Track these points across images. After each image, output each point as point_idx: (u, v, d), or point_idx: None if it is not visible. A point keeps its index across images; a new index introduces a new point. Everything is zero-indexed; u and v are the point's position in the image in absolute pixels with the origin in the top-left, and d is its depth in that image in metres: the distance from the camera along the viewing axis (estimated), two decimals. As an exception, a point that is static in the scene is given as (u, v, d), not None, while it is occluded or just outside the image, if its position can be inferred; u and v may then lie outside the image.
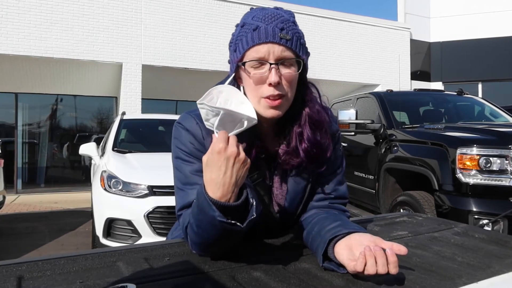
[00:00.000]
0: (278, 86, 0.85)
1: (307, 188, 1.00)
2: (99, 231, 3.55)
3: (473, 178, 2.98)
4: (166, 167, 3.62)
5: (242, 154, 0.76)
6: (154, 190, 3.51)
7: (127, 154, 4.34)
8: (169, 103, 10.65)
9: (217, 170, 0.75)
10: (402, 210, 3.49)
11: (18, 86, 9.04)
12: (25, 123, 9.65)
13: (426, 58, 11.94)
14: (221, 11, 9.01)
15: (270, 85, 0.85)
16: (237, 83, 0.93)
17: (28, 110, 9.75)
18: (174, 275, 0.76)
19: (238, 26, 0.91)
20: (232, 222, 0.75)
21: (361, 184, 4.51)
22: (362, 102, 4.97)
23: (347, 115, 4.32)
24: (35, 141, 9.93)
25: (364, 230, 0.85)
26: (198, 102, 0.82)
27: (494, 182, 2.95)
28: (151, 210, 3.40)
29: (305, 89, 0.95)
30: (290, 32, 0.86)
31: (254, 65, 0.86)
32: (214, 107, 0.79)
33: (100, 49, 7.98)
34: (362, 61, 10.53)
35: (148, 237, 3.37)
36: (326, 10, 10.30)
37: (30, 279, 0.74)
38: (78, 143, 7.14)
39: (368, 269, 0.71)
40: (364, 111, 4.67)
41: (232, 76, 0.91)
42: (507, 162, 2.93)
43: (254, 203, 0.78)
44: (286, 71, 0.86)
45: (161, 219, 3.42)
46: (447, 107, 4.91)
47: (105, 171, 3.80)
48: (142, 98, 8.35)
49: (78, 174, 10.25)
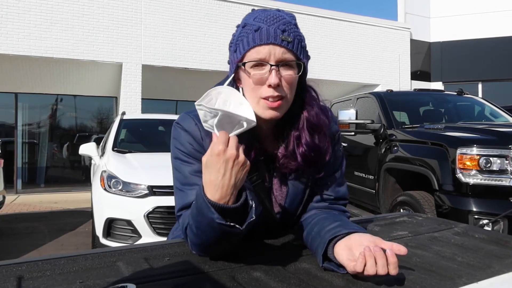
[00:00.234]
0: (277, 87, 0.85)
1: (307, 190, 1.00)
2: (99, 231, 3.55)
3: (473, 178, 2.98)
4: (166, 167, 3.60)
5: (241, 156, 0.75)
6: (154, 190, 3.51)
7: (127, 154, 4.34)
8: (169, 103, 10.65)
9: (215, 173, 0.75)
10: (402, 210, 3.49)
11: (18, 86, 9.04)
12: (25, 123, 9.65)
13: (426, 58, 11.94)
14: (221, 11, 9.01)
15: (269, 86, 0.85)
16: (236, 84, 0.92)
17: (28, 110, 9.74)
18: (174, 275, 0.76)
19: (239, 26, 0.91)
20: (230, 224, 0.75)
21: (361, 184, 4.51)
22: (362, 102, 4.97)
23: (347, 115, 4.32)
24: (35, 141, 9.92)
25: (364, 230, 0.85)
26: (196, 103, 0.81)
27: (494, 182, 2.95)
28: (151, 210, 3.41)
29: (304, 92, 0.95)
30: (291, 34, 0.86)
31: (254, 65, 0.86)
32: (213, 109, 0.78)
33: (100, 49, 7.98)
34: (362, 61, 10.53)
35: (148, 237, 3.37)
36: (326, 10, 10.30)
37: (30, 279, 0.74)
38: (78, 143, 7.14)
39: (367, 269, 0.70)
40: (364, 111, 4.67)
41: (231, 77, 0.91)
42: (507, 162, 2.93)
43: (254, 205, 0.77)
44: (286, 73, 0.86)
45: (161, 219, 3.42)
46: (447, 107, 4.91)
47: (105, 171, 3.80)
48: (142, 98, 8.35)
49: (78, 174, 10.25)
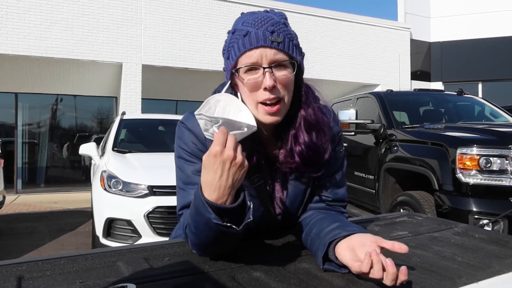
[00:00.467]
0: (273, 89, 0.84)
1: (307, 191, 1.00)
2: (99, 231, 3.55)
3: (473, 178, 2.98)
4: (166, 167, 3.65)
5: (239, 157, 0.75)
6: (154, 190, 3.51)
7: (127, 154, 4.34)
8: (169, 103, 10.65)
9: (213, 173, 0.74)
10: (402, 210, 3.49)
11: (18, 86, 9.04)
12: (25, 123, 9.65)
13: (426, 58, 11.93)
14: (221, 11, 9.01)
15: (265, 89, 0.84)
16: (234, 90, 0.92)
17: (28, 110, 9.75)
18: (174, 275, 0.76)
19: (229, 32, 0.90)
20: (227, 224, 0.75)
21: (361, 184, 4.51)
22: (362, 102, 4.97)
23: (347, 115, 4.32)
24: (35, 141, 9.92)
25: (363, 230, 0.84)
26: (196, 112, 0.81)
27: (494, 182, 2.95)
28: (151, 210, 3.41)
29: (301, 90, 0.94)
30: (281, 34, 0.85)
31: (248, 70, 0.85)
32: (213, 117, 0.78)
33: (100, 49, 7.98)
34: (362, 61, 10.53)
35: (148, 237, 3.37)
36: (326, 10, 10.30)
37: (30, 279, 0.74)
38: (78, 143, 7.14)
39: (374, 273, 0.70)
40: (364, 111, 4.67)
41: (228, 83, 0.90)
42: (507, 162, 2.93)
43: (251, 206, 0.77)
44: (281, 74, 0.85)
45: (161, 219, 3.42)
46: (447, 107, 4.91)
47: (105, 171, 3.80)
48: (142, 98, 8.35)
49: (78, 174, 10.25)
